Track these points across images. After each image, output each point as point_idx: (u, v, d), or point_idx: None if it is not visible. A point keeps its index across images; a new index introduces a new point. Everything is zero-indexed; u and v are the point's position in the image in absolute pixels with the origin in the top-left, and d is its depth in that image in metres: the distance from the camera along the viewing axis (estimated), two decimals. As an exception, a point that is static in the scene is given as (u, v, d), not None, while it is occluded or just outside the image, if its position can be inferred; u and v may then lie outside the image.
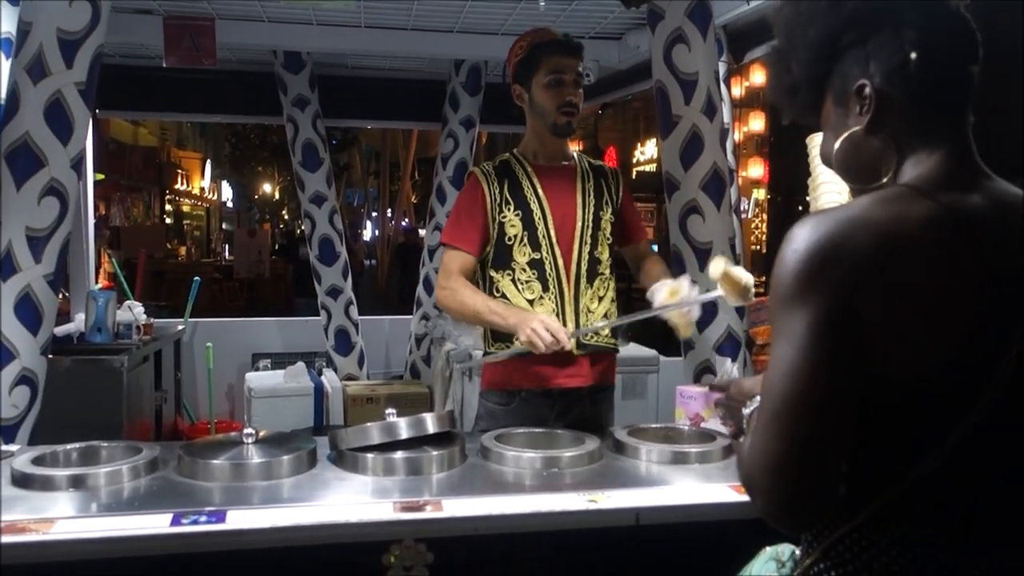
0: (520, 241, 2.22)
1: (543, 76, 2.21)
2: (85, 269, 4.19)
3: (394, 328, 5.13)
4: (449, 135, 4.61)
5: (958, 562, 0.94)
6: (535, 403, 2.24)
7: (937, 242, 0.93)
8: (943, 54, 0.99)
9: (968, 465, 0.94)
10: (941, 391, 0.93)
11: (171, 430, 4.29)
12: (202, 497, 1.57)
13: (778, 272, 0.95)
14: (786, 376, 0.91)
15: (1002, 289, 0.93)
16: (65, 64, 2.18)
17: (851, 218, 0.93)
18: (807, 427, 0.90)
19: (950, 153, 1.00)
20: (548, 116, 2.22)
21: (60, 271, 2.30)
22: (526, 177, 2.27)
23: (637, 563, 1.58)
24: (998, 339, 0.93)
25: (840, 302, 0.90)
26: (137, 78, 4.56)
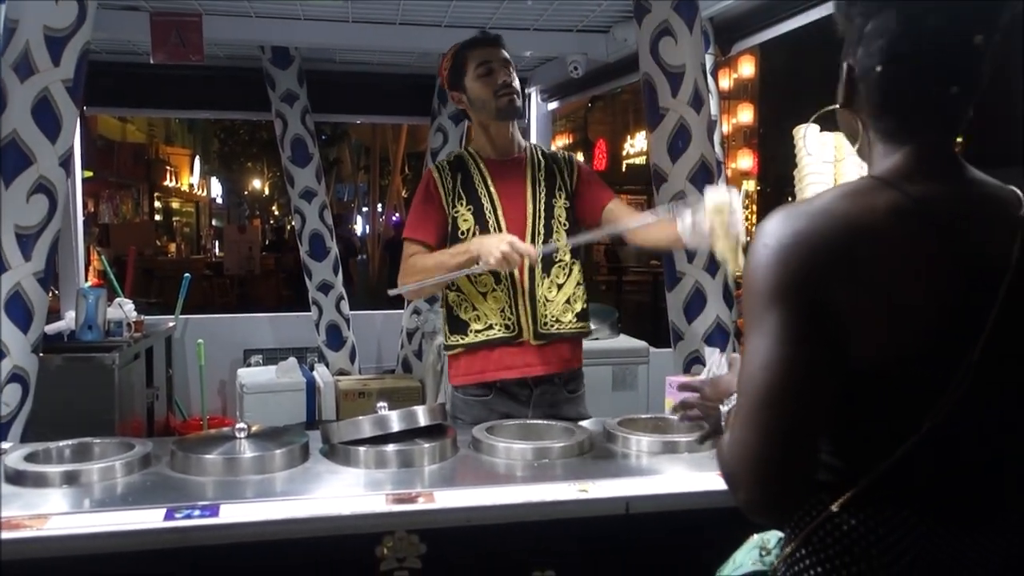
0: (472, 235, 2.23)
1: (473, 71, 2.25)
2: (75, 267, 4.18)
3: (385, 323, 5.13)
4: (438, 129, 4.61)
5: (937, 545, 0.95)
6: (510, 392, 2.26)
7: (903, 231, 0.94)
8: (912, 74, 0.98)
9: (943, 450, 0.96)
10: (914, 377, 0.95)
11: (163, 427, 4.29)
12: (195, 492, 1.58)
13: (750, 267, 0.96)
14: (762, 369, 0.93)
15: (970, 277, 0.95)
16: (52, 62, 2.18)
17: (819, 211, 0.95)
18: (785, 419, 0.92)
19: (920, 146, 1.00)
20: (488, 103, 2.25)
21: (50, 269, 2.30)
22: (477, 172, 2.30)
23: (628, 551, 1.60)
24: (968, 326, 0.95)
25: (811, 294, 0.92)
26: (124, 75, 4.54)
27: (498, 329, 2.23)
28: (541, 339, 2.25)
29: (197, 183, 23.93)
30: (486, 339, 2.24)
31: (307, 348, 4.73)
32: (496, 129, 2.30)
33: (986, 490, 0.99)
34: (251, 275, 13.22)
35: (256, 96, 4.54)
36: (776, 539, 1.16)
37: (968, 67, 0.98)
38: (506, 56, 2.29)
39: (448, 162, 2.34)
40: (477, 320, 2.24)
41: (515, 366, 2.26)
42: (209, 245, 21.38)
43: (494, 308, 2.23)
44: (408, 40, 3.96)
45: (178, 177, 22.21)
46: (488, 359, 2.26)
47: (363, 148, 21.49)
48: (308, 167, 4.52)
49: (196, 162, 23.55)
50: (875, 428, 0.97)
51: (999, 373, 0.96)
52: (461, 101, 2.32)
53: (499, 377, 2.26)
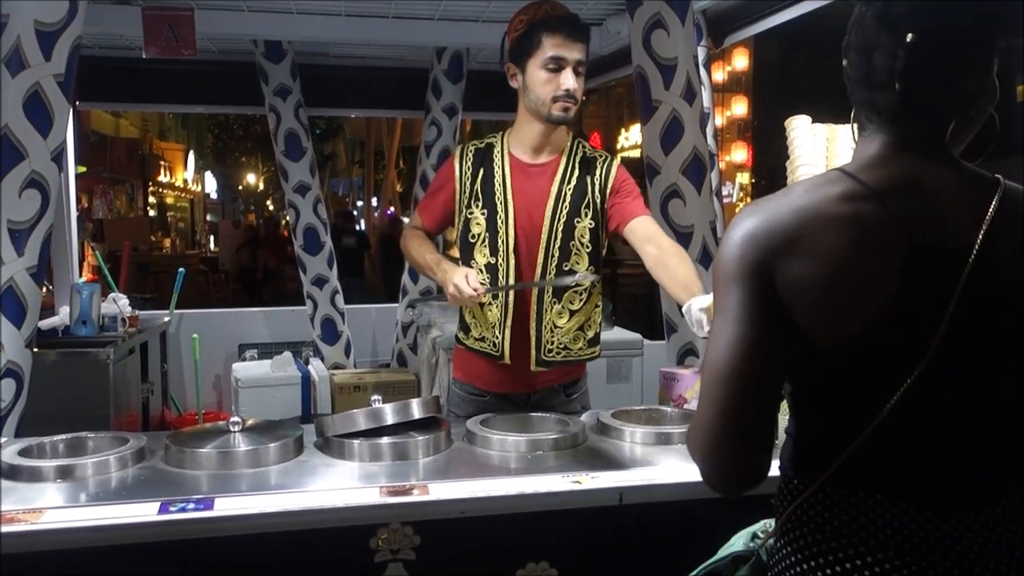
0: (481, 241, 2.13)
1: (540, 59, 2.02)
2: (69, 262, 4.17)
3: (380, 316, 5.13)
4: (432, 123, 4.61)
5: (911, 529, 0.97)
6: (509, 398, 2.24)
7: (851, 215, 0.98)
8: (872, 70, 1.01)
9: (903, 432, 0.99)
10: (876, 359, 0.98)
11: (159, 422, 4.29)
12: (190, 485, 1.59)
13: (716, 257, 1.04)
14: (719, 348, 0.99)
15: (925, 259, 0.97)
16: (43, 56, 2.17)
17: (778, 203, 1.01)
18: (738, 393, 0.97)
19: (892, 136, 1.03)
20: (542, 105, 2.05)
21: (43, 264, 2.30)
22: (501, 174, 2.13)
23: (621, 542, 1.60)
24: (927, 308, 0.97)
25: (763, 277, 0.98)
26: (117, 69, 4.53)
27: (488, 345, 2.17)
28: (543, 366, 2.15)
29: (191, 178, 23.86)
30: (479, 350, 2.20)
31: (302, 342, 4.74)
32: (539, 128, 2.11)
33: (950, 474, 1.00)
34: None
35: (249, 90, 4.53)
36: (765, 528, 1.19)
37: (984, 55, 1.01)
38: (583, 54, 2.05)
39: (475, 150, 2.17)
40: (475, 327, 2.20)
41: (512, 382, 2.20)
42: (204, 240, 21.34)
43: (486, 323, 2.17)
44: (401, 34, 3.96)
45: (172, 172, 22.14)
46: (483, 367, 2.22)
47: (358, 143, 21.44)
48: (302, 161, 4.51)
49: (190, 157, 23.48)
50: (840, 413, 1.01)
51: (964, 357, 0.98)
52: (515, 78, 2.10)
53: (492, 389, 2.23)
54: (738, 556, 1.17)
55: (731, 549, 1.19)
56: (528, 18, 2.06)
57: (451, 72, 4.52)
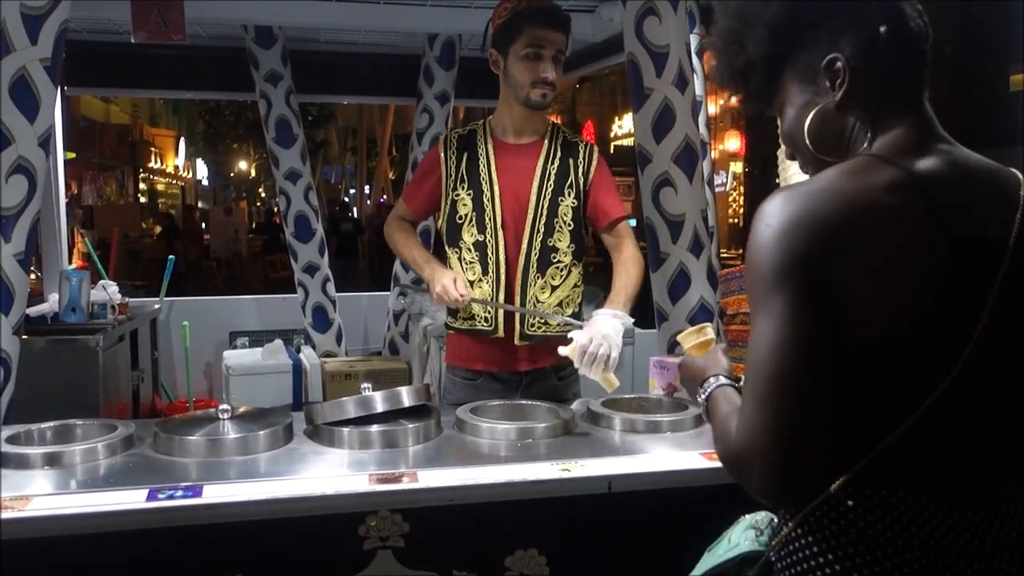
0: (469, 221, 2.21)
1: (521, 47, 2.13)
2: (58, 249, 4.14)
3: (372, 304, 5.12)
4: (424, 110, 4.59)
5: (934, 525, 0.95)
6: (499, 379, 2.27)
7: (903, 206, 0.95)
8: (906, 31, 1.03)
9: (941, 429, 0.96)
10: (912, 356, 0.95)
11: (149, 409, 4.28)
12: (178, 473, 1.58)
13: (753, 250, 0.96)
14: (771, 353, 0.93)
15: (970, 253, 0.96)
16: (29, 40, 2.14)
17: (818, 190, 0.96)
18: (796, 402, 0.92)
19: (913, 123, 1.03)
20: (521, 89, 2.17)
21: (30, 250, 2.27)
22: (485, 156, 2.23)
23: (610, 530, 1.61)
24: (967, 301, 0.95)
25: (814, 275, 0.92)
26: (106, 54, 4.49)
27: (479, 321, 2.23)
28: (526, 339, 2.23)
29: (182, 165, 23.75)
30: (470, 328, 2.24)
31: (293, 330, 4.73)
32: (519, 111, 2.23)
33: (982, 468, 0.99)
34: (237, 257, 13.17)
35: (240, 76, 4.49)
36: (768, 519, 1.15)
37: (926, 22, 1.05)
38: (563, 44, 2.16)
39: (458, 137, 2.27)
40: (463, 308, 2.23)
41: (501, 360, 2.26)
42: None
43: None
44: (392, 19, 3.93)
45: (163, 159, 22.04)
46: (474, 348, 2.27)
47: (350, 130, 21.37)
48: (293, 148, 4.49)
49: (181, 143, 23.37)
50: (873, 407, 0.97)
51: (996, 352, 0.97)
52: (496, 65, 2.22)
53: (485, 368, 2.27)
54: (746, 557, 1.12)
55: (738, 550, 1.13)
56: (512, 6, 2.17)
57: (443, 59, 4.50)
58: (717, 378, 1.18)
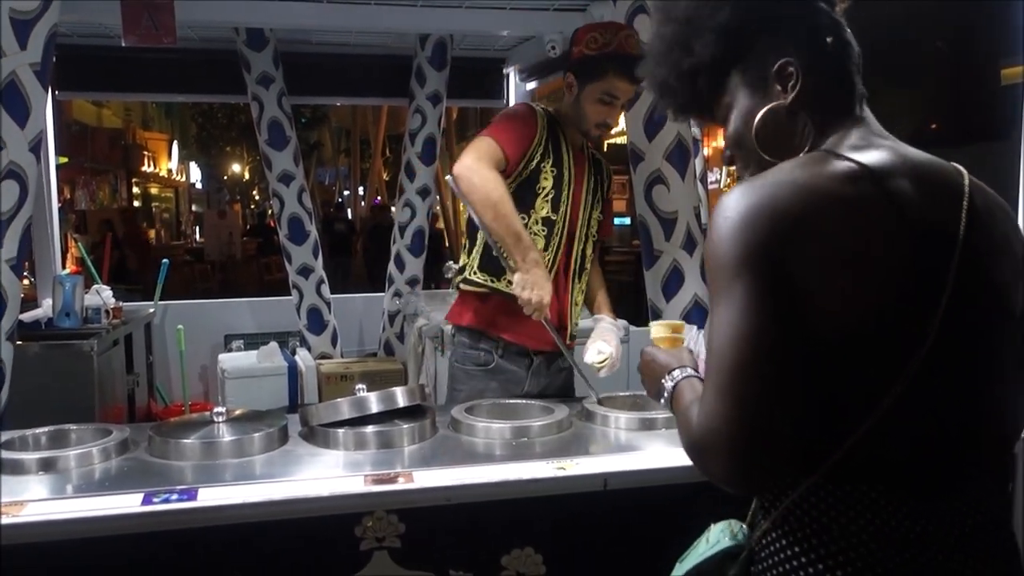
0: (546, 195, 2.19)
1: (600, 89, 2.17)
2: (51, 254, 4.13)
3: (367, 306, 5.12)
4: (416, 111, 4.58)
5: (907, 517, 0.96)
6: (513, 360, 2.24)
7: (860, 196, 0.96)
8: (845, 40, 1.09)
9: (909, 421, 0.97)
10: (876, 346, 0.95)
11: (145, 414, 4.27)
12: (173, 476, 1.58)
13: (712, 242, 0.97)
14: (733, 341, 0.93)
15: (924, 244, 0.97)
16: (19, 45, 2.14)
17: (776, 182, 0.97)
18: (757, 389, 0.92)
19: (858, 121, 1.07)
20: (585, 123, 2.22)
21: (23, 255, 2.27)
22: (564, 144, 2.25)
23: (606, 527, 1.61)
24: (926, 291, 0.96)
25: (774, 265, 0.93)
26: (97, 58, 4.47)
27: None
28: (571, 339, 2.30)
29: (176, 168, 23.70)
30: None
31: (288, 332, 4.72)
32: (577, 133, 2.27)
33: (950, 459, 1.00)
34: (232, 260, 13.15)
35: (231, 79, 4.48)
36: (739, 525, 1.14)
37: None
38: (632, 96, 2.23)
39: (544, 111, 2.24)
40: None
41: (528, 333, 2.18)
42: (189, 231, 21.21)
43: None
44: (384, 20, 3.92)
45: (156, 162, 21.98)
46: (502, 314, 2.17)
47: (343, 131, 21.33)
48: (286, 150, 4.48)
49: (174, 147, 23.31)
50: (841, 401, 0.97)
51: (959, 341, 0.98)
52: (571, 89, 2.23)
53: (503, 335, 2.20)
54: (728, 553, 1.11)
55: (719, 546, 1.13)
56: (602, 43, 2.17)
57: (435, 59, 4.49)
58: (684, 369, 1.19)
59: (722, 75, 1.12)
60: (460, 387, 2.26)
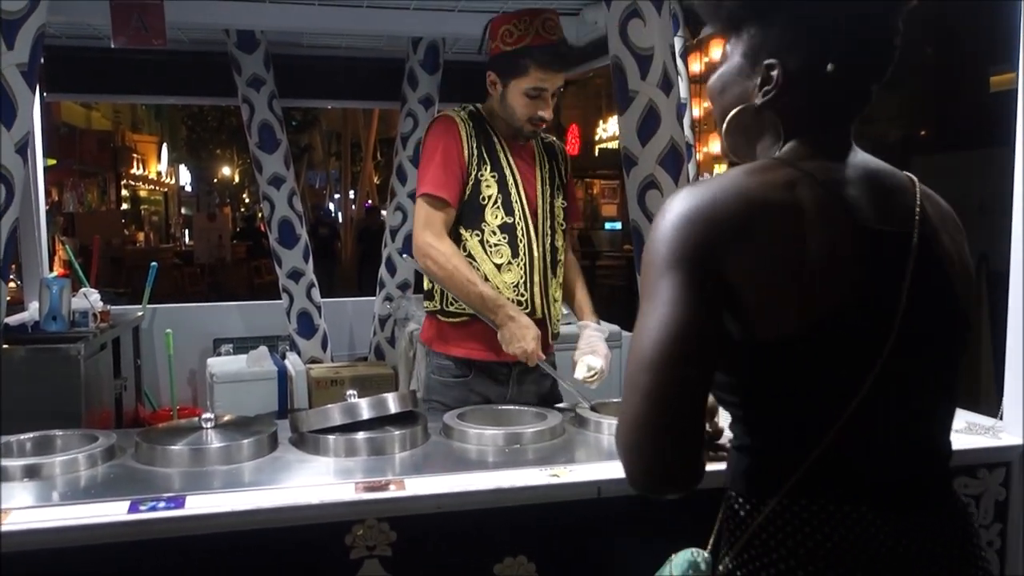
0: (494, 203, 2.15)
1: (523, 84, 2.13)
2: (38, 257, 4.09)
3: (357, 310, 5.10)
4: (408, 114, 4.57)
5: (874, 535, 0.94)
6: (491, 371, 2.23)
7: (797, 200, 0.95)
8: (855, 75, 1.02)
9: (871, 431, 0.95)
10: (834, 353, 0.94)
11: (132, 418, 4.23)
12: (160, 483, 1.56)
13: (650, 240, 0.97)
14: (648, 334, 0.92)
15: (874, 244, 0.96)
16: (6, 45, 2.12)
17: (717, 187, 0.97)
18: (669, 383, 0.90)
19: (825, 136, 1.04)
20: (516, 121, 2.18)
21: (8, 258, 2.24)
22: (498, 141, 2.21)
23: (600, 535, 1.60)
24: (881, 297, 0.95)
25: (704, 265, 0.92)
26: (86, 60, 4.44)
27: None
28: (553, 339, 2.28)
29: (165, 171, 23.59)
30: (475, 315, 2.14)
31: (278, 336, 4.69)
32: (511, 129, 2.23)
33: (914, 471, 0.99)
34: (221, 263, 13.09)
35: (222, 81, 4.46)
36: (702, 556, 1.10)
37: (890, 62, 1.03)
38: (563, 81, 2.19)
39: (468, 114, 2.21)
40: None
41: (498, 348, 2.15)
42: (178, 234, 21.12)
43: (507, 284, 2.17)
44: (376, 23, 3.91)
45: (145, 165, 21.88)
46: (472, 335, 2.18)
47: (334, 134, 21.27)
48: (276, 153, 4.46)
49: (164, 149, 23.21)
50: (802, 413, 0.96)
51: (917, 349, 0.97)
52: (494, 87, 2.19)
53: (482, 357, 2.19)
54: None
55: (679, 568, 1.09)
56: (518, 36, 2.12)
57: (427, 63, 4.48)
58: None
59: (732, 29, 1.07)
60: (437, 398, 2.22)
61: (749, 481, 1.00)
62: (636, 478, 0.94)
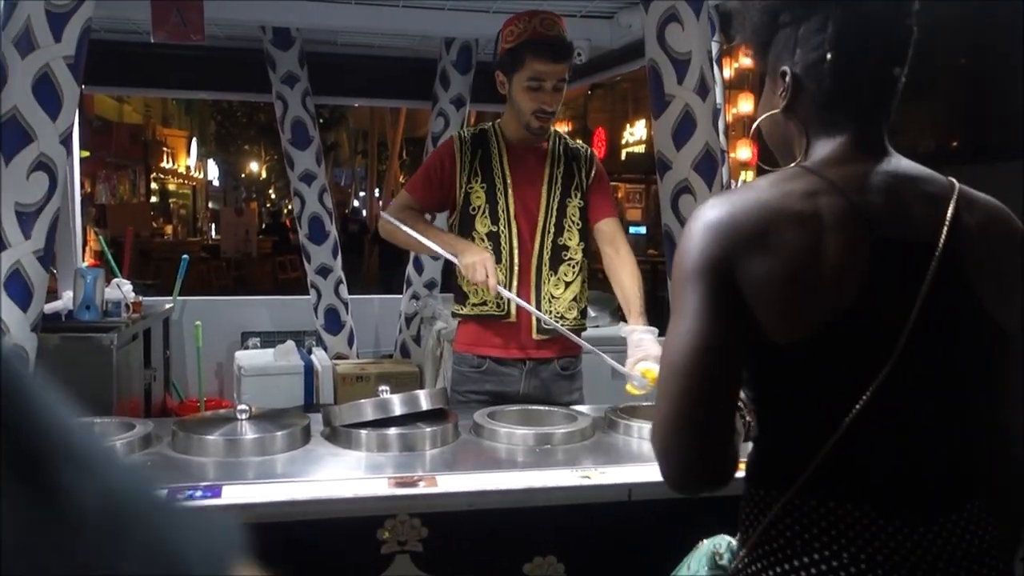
0: (481, 212, 2.27)
1: (524, 77, 2.21)
2: (73, 247, 4.15)
3: (384, 307, 5.12)
4: (439, 114, 4.58)
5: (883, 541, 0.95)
6: (506, 366, 2.29)
7: (815, 211, 0.97)
8: (860, 57, 1.02)
9: (879, 433, 0.97)
10: (843, 357, 0.96)
11: (160, 408, 4.28)
12: (197, 472, 1.58)
13: (678, 248, 1.01)
14: (677, 344, 0.97)
15: (891, 253, 0.97)
16: (53, 38, 2.15)
17: (740, 197, 1.00)
18: (696, 387, 0.95)
19: (852, 137, 1.04)
20: (523, 116, 2.25)
21: (50, 247, 2.28)
22: (498, 153, 2.31)
23: (629, 538, 1.60)
24: (896, 302, 0.96)
25: (723, 276, 0.96)
26: (124, 53, 4.49)
27: (491, 307, 2.27)
28: (543, 333, 2.28)
29: (194, 165, 23.83)
30: (479, 313, 2.29)
31: (305, 332, 4.72)
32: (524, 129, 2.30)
33: (925, 479, 1.00)
34: (248, 258, 13.20)
35: (256, 78, 4.50)
36: (726, 543, 1.15)
37: (905, 48, 1.03)
38: (564, 73, 2.24)
39: (472, 135, 2.34)
40: (475, 293, 2.28)
41: (510, 345, 2.29)
42: (206, 227, 21.32)
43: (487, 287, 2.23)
44: (410, 23, 3.93)
45: (175, 159, 22.11)
46: (482, 333, 2.31)
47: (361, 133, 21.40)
48: (308, 150, 4.49)
49: (193, 144, 23.44)
50: (807, 417, 0.99)
51: (931, 356, 0.97)
52: (502, 85, 2.30)
53: (492, 354, 2.30)
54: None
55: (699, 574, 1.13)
56: (518, 33, 2.23)
57: (460, 63, 4.50)
58: None
59: (760, 56, 1.12)
60: (458, 388, 2.33)
61: (760, 475, 1.04)
62: (671, 478, 0.99)
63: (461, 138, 2.33)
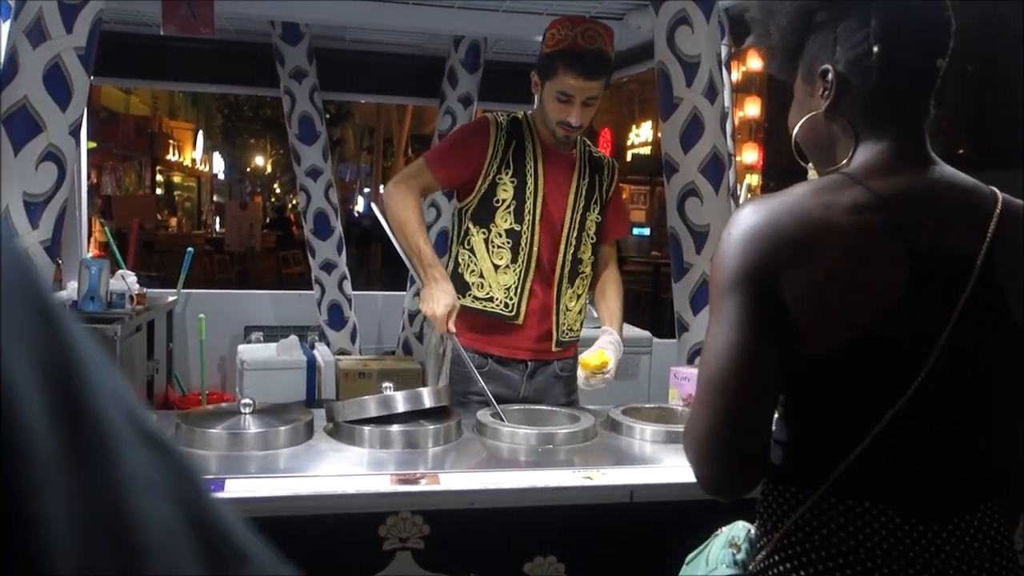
0: (506, 207, 2.18)
1: (554, 87, 2.13)
2: (78, 237, 4.16)
3: (387, 304, 5.12)
4: (447, 112, 4.59)
5: (905, 542, 0.96)
6: (507, 366, 2.26)
7: (857, 226, 0.97)
8: (906, 48, 1.02)
9: (909, 437, 0.98)
10: (878, 366, 0.97)
11: (162, 401, 4.29)
12: (199, 466, 1.58)
13: (716, 255, 1.01)
14: (717, 353, 0.97)
15: (929, 265, 0.97)
16: (65, 28, 2.16)
17: (781, 204, 0.98)
18: (734, 399, 0.96)
19: (897, 141, 1.03)
20: (549, 122, 2.19)
21: (56, 238, 2.29)
22: (531, 150, 2.22)
23: (631, 539, 1.60)
24: (930, 314, 0.97)
25: (765, 283, 0.96)
26: (132, 46, 4.50)
27: (498, 305, 2.21)
28: (560, 346, 2.27)
29: (199, 158, 23.84)
30: (483, 309, 2.21)
31: (308, 327, 4.72)
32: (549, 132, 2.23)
33: (949, 484, 1.01)
34: (251, 252, 13.19)
35: (264, 72, 4.51)
36: (744, 532, 1.15)
37: (947, 39, 1.03)
38: (597, 91, 2.14)
39: (507, 120, 2.24)
40: (480, 287, 2.21)
41: (512, 346, 2.24)
42: (210, 220, 21.33)
43: (498, 284, 2.20)
44: (420, 20, 3.93)
45: (180, 151, 22.12)
46: (488, 330, 2.24)
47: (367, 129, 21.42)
48: (315, 145, 4.50)
49: (199, 137, 23.46)
50: (838, 420, 1.00)
51: (963, 366, 0.98)
52: (536, 87, 2.22)
53: (495, 352, 2.24)
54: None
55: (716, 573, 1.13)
56: (558, 39, 2.14)
57: (468, 61, 4.50)
58: None
59: (791, 62, 1.11)
60: (457, 388, 2.25)
61: (786, 475, 1.04)
62: (707, 482, 1.02)
63: (497, 123, 2.20)
